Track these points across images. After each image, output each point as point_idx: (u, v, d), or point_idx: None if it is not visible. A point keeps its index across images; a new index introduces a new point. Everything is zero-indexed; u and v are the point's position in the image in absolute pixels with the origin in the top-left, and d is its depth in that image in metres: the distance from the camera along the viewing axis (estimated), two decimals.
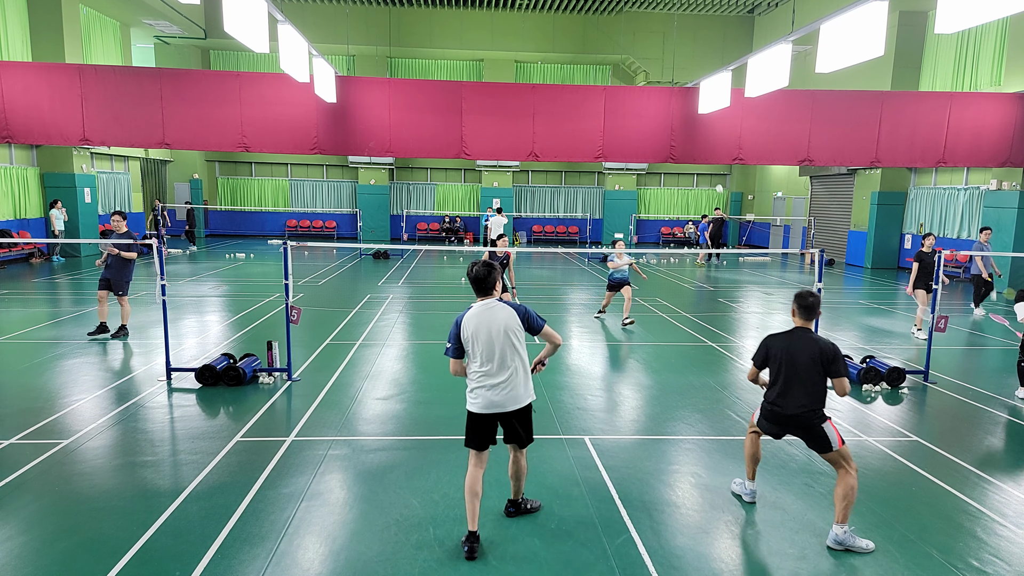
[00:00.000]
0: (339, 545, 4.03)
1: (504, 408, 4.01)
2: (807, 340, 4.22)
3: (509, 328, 3.95)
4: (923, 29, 18.36)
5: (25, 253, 17.59)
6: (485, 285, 4.02)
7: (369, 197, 27.47)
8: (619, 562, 3.91)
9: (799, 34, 10.94)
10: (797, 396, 4.17)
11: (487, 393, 3.99)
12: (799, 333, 4.28)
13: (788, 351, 4.23)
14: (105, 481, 4.83)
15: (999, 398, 7.27)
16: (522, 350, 4.02)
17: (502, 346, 3.94)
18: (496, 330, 3.94)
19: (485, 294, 4.04)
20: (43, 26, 17.34)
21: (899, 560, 3.98)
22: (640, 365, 8.37)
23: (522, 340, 4.03)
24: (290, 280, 7.16)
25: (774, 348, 4.32)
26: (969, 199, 17.32)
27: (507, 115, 14.78)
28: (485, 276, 4.01)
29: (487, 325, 3.95)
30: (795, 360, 4.19)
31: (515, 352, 3.98)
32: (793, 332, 4.31)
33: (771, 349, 4.34)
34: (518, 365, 4.00)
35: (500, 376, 3.96)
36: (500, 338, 3.94)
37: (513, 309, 4.00)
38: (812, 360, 4.14)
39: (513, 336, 3.96)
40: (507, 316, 3.97)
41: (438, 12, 24.54)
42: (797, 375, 4.18)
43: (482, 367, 3.98)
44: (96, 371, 7.57)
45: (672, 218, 29.39)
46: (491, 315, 3.96)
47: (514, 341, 3.97)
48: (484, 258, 4.25)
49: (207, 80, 14.49)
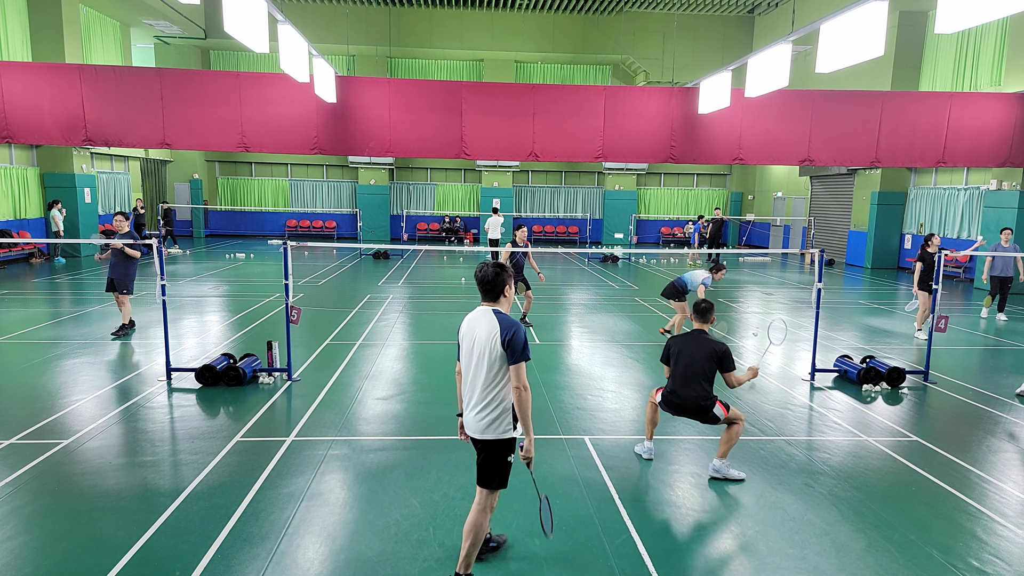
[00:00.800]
0: (339, 545, 4.03)
1: (473, 432, 3.53)
2: (702, 341, 5.02)
3: (489, 344, 3.40)
4: (923, 29, 18.36)
5: (25, 253, 17.59)
6: (492, 288, 3.52)
7: (369, 197, 27.47)
8: (619, 562, 3.91)
9: (799, 34, 10.94)
10: (693, 387, 4.94)
11: (466, 409, 3.57)
12: (695, 335, 5.10)
13: (687, 350, 5.02)
14: (105, 481, 4.83)
15: (999, 398, 7.27)
16: (496, 373, 3.41)
17: (478, 361, 3.45)
18: (477, 342, 3.47)
19: (491, 299, 3.55)
20: (43, 26, 17.34)
21: (899, 560, 3.98)
22: (640, 365, 8.37)
23: (499, 362, 3.40)
24: (290, 280, 7.16)
25: (674, 347, 5.12)
26: (969, 199, 17.32)
27: (507, 115, 14.77)
28: (492, 278, 3.51)
29: (472, 333, 3.50)
30: (692, 357, 4.97)
31: (489, 372, 3.42)
32: (691, 334, 5.13)
33: (671, 348, 5.15)
34: (495, 390, 3.43)
35: (472, 393, 3.51)
36: (478, 352, 3.45)
37: (500, 325, 3.41)
38: (707, 357, 4.92)
39: (489, 354, 3.40)
40: (491, 330, 3.41)
41: (438, 12, 24.55)
42: (693, 370, 4.94)
43: (466, 379, 3.58)
44: (96, 371, 7.58)
45: (672, 218, 29.39)
46: (480, 323, 3.48)
47: (489, 360, 3.41)
48: (495, 258, 3.99)
49: (207, 80, 14.49)
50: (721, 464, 5.05)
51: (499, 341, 3.38)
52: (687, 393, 4.96)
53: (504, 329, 3.39)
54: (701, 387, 4.93)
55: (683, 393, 4.98)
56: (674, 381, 5.05)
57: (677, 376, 5.02)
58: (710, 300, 5.28)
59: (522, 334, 3.41)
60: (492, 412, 3.44)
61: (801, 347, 9.47)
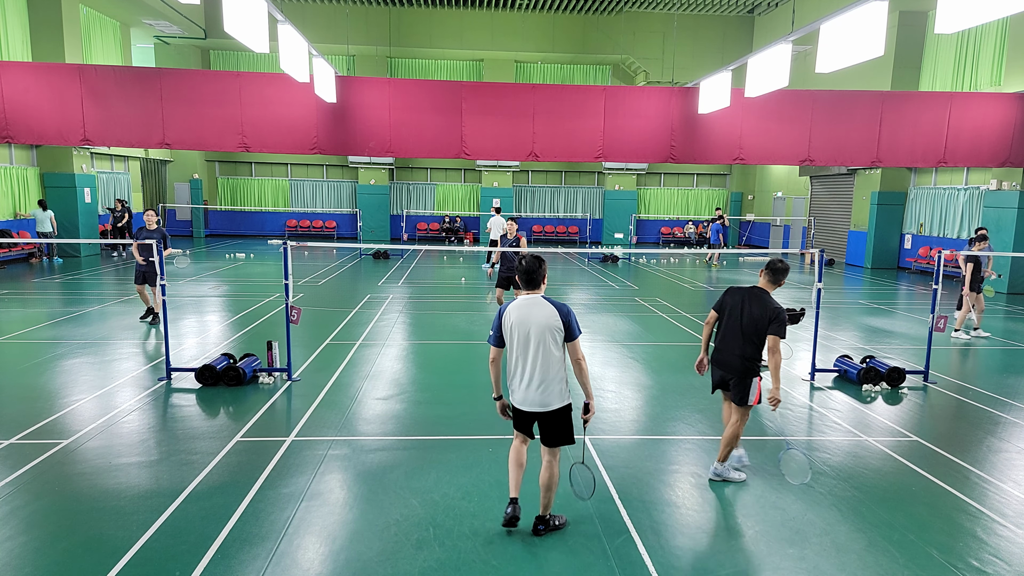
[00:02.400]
0: (339, 545, 4.03)
1: (535, 407, 3.98)
2: (762, 300, 4.76)
3: (549, 327, 3.89)
4: (923, 29, 18.36)
5: (25, 253, 17.59)
6: (534, 278, 3.99)
7: (369, 197, 27.47)
8: (619, 562, 3.91)
9: (799, 34, 10.94)
10: (740, 345, 4.75)
11: (521, 388, 3.99)
12: (756, 292, 4.83)
13: (744, 306, 4.80)
14: (105, 481, 4.83)
15: (999, 398, 7.27)
16: (557, 351, 3.94)
17: (537, 343, 3.90)
18: (535, 327, 3.90)
19: (533, 288, 4.01)
20: (43, 26, 17.34)
21: (899, 560, 3.98)
22: (640, 365, 8.37)
23: (559, 342, 3.94)
24: (290, 280, 7.16)
25: (731, 300, 4.90)
26: (969, 199, 17.32)
27: (507, 115, 14.77)
28: (536, 269, 3.98)
29: (527, 320, 3.92)
30: (748, 314, 4.75)
31: (550, 352, 3.92)
32: (751, 290, 4.87)
33: (727, 300, 4.93)
34: (552, 366, 3.93)
35: (532, 373, 3.94)
36: (537, 335, 3.90)
37: (556, 308, 3.92)
38: (762, 317, 4.68)
39: (551, 335, 3.90)
40: (548, 314, 3.90)
41: (438, 12, 24.54)
42: (745, 327, 4.72)
43: (517, 362, 3.99)
44: (96, 371, 7.57)
45: (672, 218, 29.39)
46: (533, 310, 3.92)
47: (550, 341, 3.90)
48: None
49: (207, 80, 14.49)
50: (722, 468, 5.01)
51: (560, 321, 3.90)
52: (734, 349, 4.79)
53: (561, 311, 3.93)
54: (751, 346, 4.74)
55: (730, 349, 4.81)
56: (723, 336, 4.89)
57: (728, 330, 4.85)
58: (787, 263, 4.98)
59: (574, 313, 4.01)
60: (555, 385, 3.96)
61: (801, 347, 9.48)
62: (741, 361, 4.77)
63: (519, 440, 4.19)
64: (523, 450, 4.17)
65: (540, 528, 4.17)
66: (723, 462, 5.00)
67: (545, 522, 4.19)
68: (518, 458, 4.15)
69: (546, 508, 4.18)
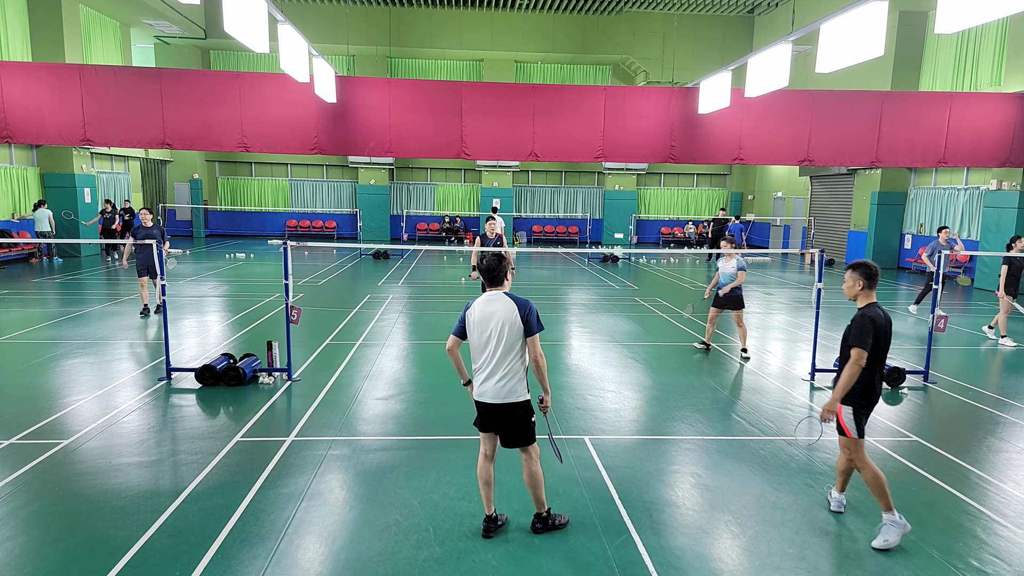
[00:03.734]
0: (339, 545, 4.03)
1: (493, 399, 4.01)
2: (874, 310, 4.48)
3: (509, 322, 3.95)
4: (923, 29, 18.36)
5: (25, 253, 17.59)
6: (496, 275, 4.08)
7: (369, 197, 27.47)
8: (619, 562, 3.91)
9: (799, 34, 10.94)
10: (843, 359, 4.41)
11: (479, 381, 4.07)
12: (870, 306, 4.51)
13: (887, 327, 4.42)
14: (105, 481, 4.82)
15: (999, 398, 7.27)
16: (516, 347, 3.98)
17: (498, 338, 3.96)
18: (496, 322, 3.97)
19: (496, 284, 4.10)
20: (43, 26, 17.34)
21: (899, 560, 3.98)
22: (640, 365, 8.37)
23: (519, 337, 3.98)
24: (290, 280, 7.16)
25: (880, 327, 4.40)
26: (969, 199, 17.32)
27: (507, 115, 14.77)
28: (496, 266, 4.08)
29: (489, 315, 3.99)
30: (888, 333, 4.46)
31: (509, 347, 3.96)
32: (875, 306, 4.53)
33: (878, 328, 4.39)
34: (510, 359, 3.98)
35: (489, 367, 4.00)
36: (497, 330, 3.96)
37: (516, 304, 3.98)
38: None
39: (510, 330, 3.95)
40: (507, 310, 3.97)
41: (438, 12, 24.54)
42: (845, 341, 4.48)
43: (478, 356, 4.07)
44: (96, 371, 7.57)
45: (672, 218, 29.39)
46: (495, 306, 4.00)
47: (510, 336, 3.95)
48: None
49: (207, 80, 14.49)
50: (887, 526, 4.11)
51: (519, 317, 3.95)
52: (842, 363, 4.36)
53: (521, 307, 3.99)
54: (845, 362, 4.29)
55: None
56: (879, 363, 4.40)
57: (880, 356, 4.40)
58: (875, 264, 4.50)
59: (535, 309, 4.04)
60: (511, 380, 4.00)
61: (801, 347, 9.48)
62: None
63: (482, 455, 4.16)
64: (490, 468, 4.15)
65: (538, 526, 4.21)
66: (888, 512, 4.16)
67: (543, 520, 4.21)
68: (485, 477, 4.14)
69: (539, 506, 4.21)
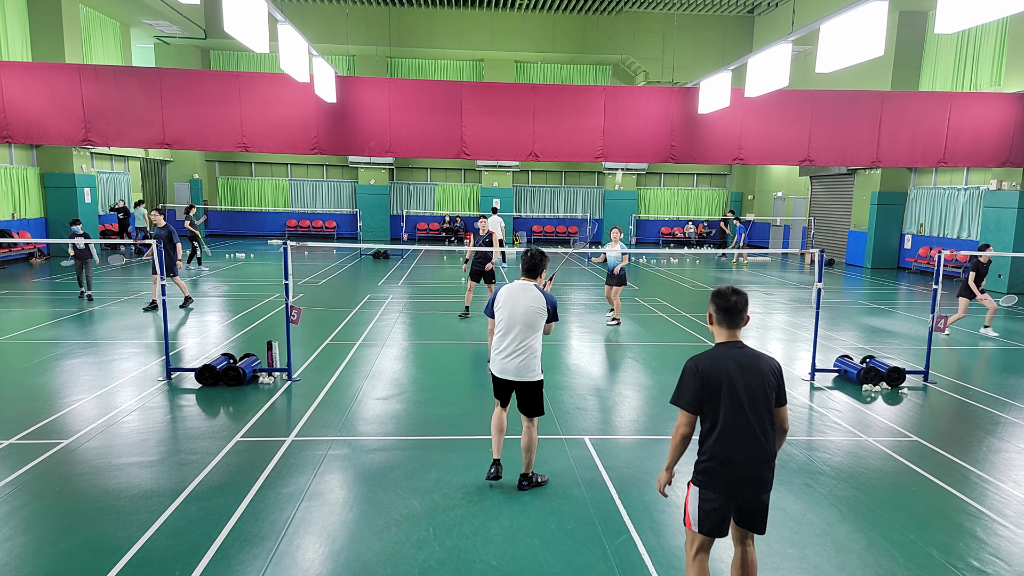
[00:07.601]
0: (339, 545, 4.03)
1: (511, 377, 4.54)
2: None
3: (533, 308, 4.51)
4: (923, 29, 18.36)
5: (25, 253, 17.58)
6: (535, 267, 4.65)
7: (369, 197, 27.46)
8: (619, 562, 3.91)
9: (799, 34, 10.94)
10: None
11: (500, 359, 4.56)
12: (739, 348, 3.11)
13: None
14: (105, 481, 4.82)
15: (999, 398, 7.27)
16: (537, 331, 4.54)
17: (522, 322, 4.49)
18: (522, 307, 4.51)
19: (530, 276, 4.66)
20: (43, 26, 17.34)
21: (899, 560, 3.98)
22: (640, 365, 8.37)
23: (540, 325, 4.54)
24: (290, 280, 7.16)
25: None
26: (969, 199, 17.31)
27: (507, 115, 14.77)
28: (538, 262, 4.67)
29: (515, 300, 4.54)
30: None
31: (531, 332, 4.51)
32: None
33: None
34: (530, 344, 4.51)
35: (512, 347, 4.51)
36: (521, 315, 4.50)
37: (543, 297, 4.55)
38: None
39: (534, 316, 4.50)
40: (535, 297, 4.54)
41: (438, 12, 24.54)
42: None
43: (502, 336, 4.56)
44: (96, 371, 7.57)
45: (672, 218, 29.38)
46: (522, 294, 4.55)
47: (533, 321, 4.50)
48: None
49: (207, 80, 14.48)
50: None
51: (546, 309, 4.55)
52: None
53: (548, 300, 4.59)
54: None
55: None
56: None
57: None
58: (742, 295, 3.20)
59: (556, 303, 4.64)
60: (531, 360, 4.53)
61: (801, 347, 9.47)
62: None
63: (498, 407, 4.74)
64: (503, 417, 4.73)
65: (524, 483, 4.72)
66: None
67: (528, 479, 4.74)
68: (499, 424, 4.72)
69: (528, 467, 4.73)
